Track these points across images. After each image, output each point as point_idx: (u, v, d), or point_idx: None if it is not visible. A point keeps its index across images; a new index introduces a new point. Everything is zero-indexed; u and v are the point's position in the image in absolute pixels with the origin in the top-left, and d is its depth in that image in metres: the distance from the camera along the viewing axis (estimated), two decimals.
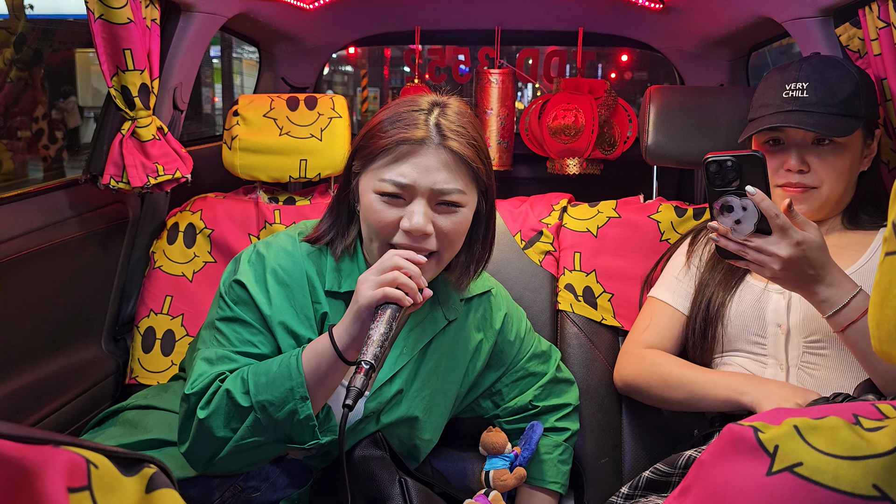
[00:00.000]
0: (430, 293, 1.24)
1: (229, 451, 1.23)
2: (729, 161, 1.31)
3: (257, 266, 1.36)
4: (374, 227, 1.29)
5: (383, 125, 1.31)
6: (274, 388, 1.21)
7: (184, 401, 1.27)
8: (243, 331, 1.32)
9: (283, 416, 1.21)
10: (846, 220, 1.60)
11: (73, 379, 1.82)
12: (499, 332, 1.59)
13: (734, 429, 0.63)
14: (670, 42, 2.76)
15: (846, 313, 1.34)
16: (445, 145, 1.28)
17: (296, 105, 2.12)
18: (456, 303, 1.51)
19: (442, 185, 1.27)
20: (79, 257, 1.83)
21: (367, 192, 1.30)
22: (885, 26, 1.52)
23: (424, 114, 1.30)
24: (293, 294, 1.35)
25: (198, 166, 2.00)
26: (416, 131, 1.28)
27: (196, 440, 1.25)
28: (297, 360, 1.23)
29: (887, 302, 0.56)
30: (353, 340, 1.21)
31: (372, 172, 1.30)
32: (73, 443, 0.51)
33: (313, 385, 1.22)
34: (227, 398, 1.22)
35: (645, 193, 2.16)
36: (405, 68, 9.78)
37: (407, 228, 1.26)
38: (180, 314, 2.01)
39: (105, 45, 1.71)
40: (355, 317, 1.21)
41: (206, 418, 1.22)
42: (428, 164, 1.27)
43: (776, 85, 1.57)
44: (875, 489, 0.55)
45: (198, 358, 1.31)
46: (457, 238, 1.33)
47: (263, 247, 1.39)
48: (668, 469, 1.46)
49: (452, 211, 1.30)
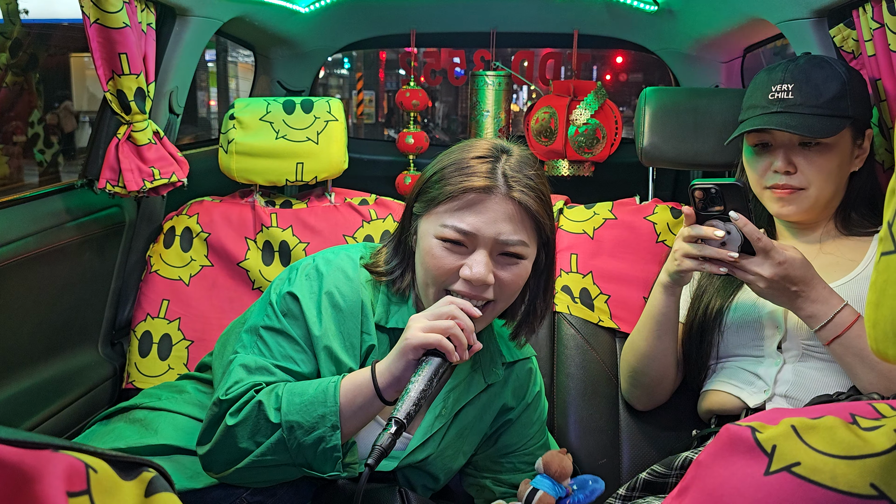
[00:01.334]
0: (478, 347, 1.22)
1: (247, 464, 1.22)
2: (712, 189, 1.39)
3: (314, 283, 1.34)
4: (433, 272, 1.27)
5: (447, 171, 1.29)
6: (306, 412, 1.19)
7: (215, 405, 1.25)
8: (287, 345, 1.30)
9: (309, 441, 1.19)
10: (839, 224, 1.60)
11: (69, 384, 1.81)
12: (526, 407, 1.54)
13: (732, 429, 0.63)
14: (664, 44, 2.76)
15: (831, 328, 1.40)
16: (512, 196, 1.25)
17: (292, 108, 2.12)
18: (498, 366, 1.46)
19: (506, 236, 1.25)
20: (75, 262, 1.83)
21: (428, 236, 1.28)
22: (879, 27, 1.52)
23: (490, 162, 1.28)
24: (345, 320, 1.33)
25: (194, 170, 2.00)
26: (484, 180, 1.25)
27: (218, 445, 1.23)
28: (336, 388, 1.21)
29: (883, 302, 0.57)
30: (394, 379, 1.19)
31: (434, 217, 1.28)
32: (72, 447, 0.51)
33: (346, 416, 1.20)
34: (258, 410, 1.20)
35: (641, 195, 2.16)
36: (401, 71, 9.76)
37: (468, 277, 1.24)
38: (177, 318, 2.01)
39: (100, 50, 1.71)
40: (401, 354, 1.19)
41: (233, 426, 1.21)
42: (493, 214, 1.25)
43: (763, 86, 1.57)
44: (873, 488, 0.55)
45: (235, 363, 1.29)
46: (515, 289, 1.31)
47: (323, 264, 1.36)
48: (664, 470, 1.47)
49: (514, 262, 1.28)
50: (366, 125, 11.76)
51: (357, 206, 2.16)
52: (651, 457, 1.75)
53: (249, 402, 1.22)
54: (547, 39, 2.98)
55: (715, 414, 1.60)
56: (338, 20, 2.68)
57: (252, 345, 1.32)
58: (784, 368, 1.51)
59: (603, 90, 2.66)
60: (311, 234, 2.09)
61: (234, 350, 1.33)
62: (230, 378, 1.26)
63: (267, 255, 2.08)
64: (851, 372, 1.41)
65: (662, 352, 1.62)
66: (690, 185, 1.41)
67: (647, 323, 1.61)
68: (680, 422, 1.75)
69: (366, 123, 11.71)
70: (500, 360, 1.47)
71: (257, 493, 1.35)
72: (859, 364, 1.39)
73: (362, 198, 2.21)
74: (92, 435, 1.48)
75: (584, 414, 1.81)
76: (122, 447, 1.40)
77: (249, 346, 1.32)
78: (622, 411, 1.83)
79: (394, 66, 12.52)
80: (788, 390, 1.48)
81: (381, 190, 2.34)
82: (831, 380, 1.47)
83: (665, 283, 1.54)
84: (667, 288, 1.54)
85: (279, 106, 2.13)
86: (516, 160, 1.30)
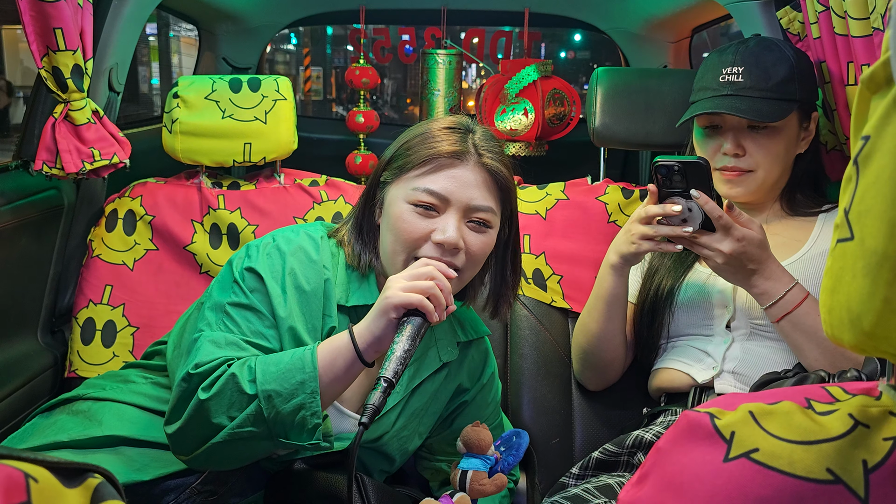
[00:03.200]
0: (453, 309, 1.23)
1: (221, 439, 1.18)
2: (675, 166, 1.40)
3: (276, 261, 1.32)
4: (403, 237, 1.28)
5: (417, 140, 1.32)
6: (284, 380, 1.17)
7: (184, 380, 1.20)
8: (255, 321, 1.28)
9: (288, 409, 1.16)
10: (785, 205, 1.64)
11: (7, 374, 1.74)
12: (481, 389, 1.55)
13: (690, 415, 0.63)
14: (615, 23, 2.78)
15: (781, 305, 1.43)
16: (483, 163, 1.30)
17: (238, 87, 2.06)
18: (453, 345, 1.47)
19: (477, 202, 1.28)
20: (11, 247, 1.75)
21: (398, 201, 1.29)
22: (824, 10, 1.55)
23: (460, 133, 1.32)
24: (308, 302, 1.31)
25: (136, 150, 1.92)
26: (456, 146, 1.29)
27: (190, 422, 1.19)
28: (313, 354, 1.19)
29: (839, 288, 0.57)
30: (375, 339, 1.19)
31: (405, 182, 1.30)
32: (9, 455, 0.48)
33: (325, 382, 1.18)
34: (232, 382, 1.17)
35: (592, 175, 2.18)
36: (349, 47, 9.60)
37: (440, 241, 1.25)
38: (121, 304, 1.95)
39: (34, 24, 1.62)
40: (381, 313, 1.18)
41: (206, 400, 1.17)
42: (465, 179, 1.28)
43: (713, 68, 1.59)
44: (829, 473, 0.56)
45: (202, 339, 1.25)
46: (481, 258, 1.33)
47: (284, 242, 1.34)
48: (616, 449, 1.49)
49: (482, 230, 1.31)
50: (314, 102, 11.58)
51: (307, 188, 2.11)
52: (603, 435, 1.77)
53: (222, 376, 1.18)
54: (498, 17, 2.96)
55: (665, 391, 1.63)
56: None
57: (218, 322, 1.28)
58: (733, 346, 1.54)
59: (547, 66, 2.65)
60: (261, 216, 2.04)
61: (199, 328, 1.29)
62: (199, 353, 1.22)
63: (214, 238, 2.03)
64: (798, 349, 1.45)
65: (612, 332, 1.64)
66: (653, 162, 1.41)
67: (597, 304, 1.62)
68: (631, 400, 1.78)
69: (314, 100, 11.53)
70: (454, 339, 1.47)
71: (208, 482, 1.32)
72: (806, 342, 1.43)
73: (312, 179, 2.16)
74: (33, 428, 1.43)
75: (537, 394, 1.82)
76: (65, 440, 1.35)
77: (215, 323, 1.28)
78: (574, 391, 1.85)
79: (341, 41, 12.31)
80: (736, 367, 1.51)
81: (331, 170, 2.30)
82: (778, 357, 1.50)
83: (615, 264, 1.55)
84: (616, 269, 1.55)
85: (225, 84, 2.06)
86: (482, 134, 1.35)
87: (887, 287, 0.52)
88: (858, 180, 0.56)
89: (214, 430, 1.18)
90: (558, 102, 2.70)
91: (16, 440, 1.39)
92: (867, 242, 0.54)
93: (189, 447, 1.22)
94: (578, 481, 1.52)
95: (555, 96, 2.70)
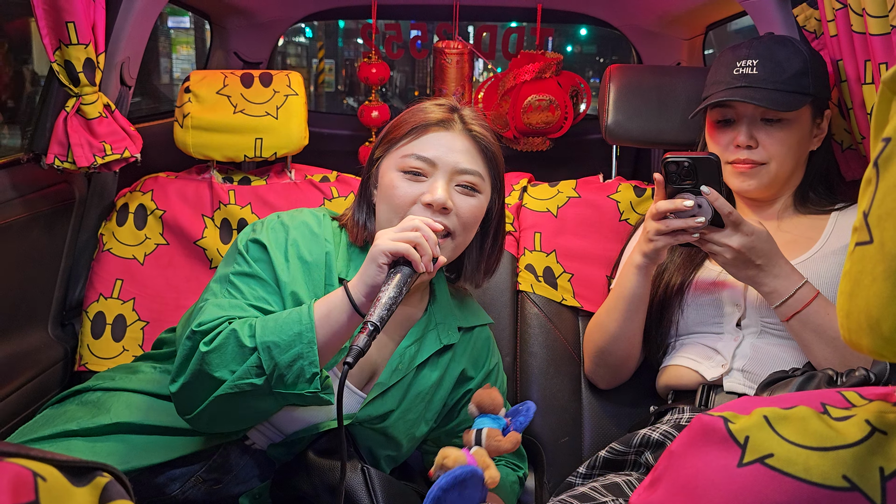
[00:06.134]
0: (443, 261, 1.27)
1: (223, 393, 1.20)
2: (686, 162, 1.40)
3: (279, 233, 1.38)
4: (394, 202, 1.33)
5: (407, 115, 1.40)
6: (281, 331, 1.20)
7: (188, 338, 1.24)
8: (259, 287, 1.32)
9: (286, 359, 1.19)
10: (797, 202, 1.64)
11: (18, 367, 1.75)
12: (486, 376, 1.58)
13: (704, 419, 0.63)
14: (628, 19, 2.75)
15: (791, 304, 1.43)
16: (469, 129, 1.38)
17: (250, 82, 2.06)
18: (453, 329, 1.50)
19: (464, 164, 1.35)
20: (22, 240, 1.76)
21: (389, 170, 1.36)
22: (842, 8, 1.53)
23: (447, 107, 1.41)
24: (310, 271, 1.36)
25: (148, 144, 1.92)
26: (442, 114, 1.38)
27: (192, 377, 1.22)
28: (309, 308, 1.23)
29: (857, 292, 0.56)
30: (367, 288, 1.22)
31: (395, 152, 1.37)
32: (18, 453, 0.47)
33: (322, 334, 1.21)
34: (233, 337, 1.20)
35: (604, 173, 2.16)
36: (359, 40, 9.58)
37: (428, 201, 1.31)
38: (131, 298, 1.95)
39: (46, 18, 1.63)
40: (370, 261, 1.22)
41: (208, 353, 1.20)
42: (451, 144, 1.35)
43: (728, 62, 1.60)
44: (845, 480, 0.55)
45: (208, 304, 1.28)
46: (472, 222, 1.38)
47: (287, 218, 1.41)
48: (623, 448, 1.49)
49: (470, 194, 1.36)
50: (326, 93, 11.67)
51: (318, 184, 2.11)
52: (612, 434, 1.76)
53: (223, 331, 1.22)
54: (510, 13, 2.95)
55: (673, 388, 1.62)
56: None
57: (223, 291, 1.32)
58: (743, 344, 1.54)
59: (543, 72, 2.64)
60: (271, 211, 2.03)
61: (204, 298, 1.33)
62: (202, 314, 1.26)
63: (225, 233, 2.03)
64: (808, 348, 1.45)
65: (631, 332, 1.63)
66: (663, 159, 1.42)
67: (618, 304, 1.61)
68: (640, 399, 1.77)
69: (326, 91, 11.62)
70: (455, 323, 1.51)
71: (213, 469, 1.33)
72: (816, 340, 1.42)
73: (323, 175, 2.16)
74: (43, 419, 1.43)
75: (546, 392, 1.81)
76: (75, 428, 1.36)
77: (220, 292, 1.32)
78: (584, 389, 1.84)
79: (352, 34, 12.32)
80: (746, 365, 1.51)
81: (342, 165, 2.30)
82: (788, 356, 1.50)
83: (639, 264, 1.54)
84: (641, 268, 1.54)
85: (237, 79, 2.06)
86: (470, 111, 1.43)
87: None
88: (878, 183, 0.55)
89: (216, 383, 1.21)
90: (574, 98, 2.70)
91: (26, 431, 1.40)
92: (888, 246, 0.53)
93: (192, 404, 1.24)
94: (586, 480, 1.51)
95: (572, 94, 2.70)
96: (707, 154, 1.41)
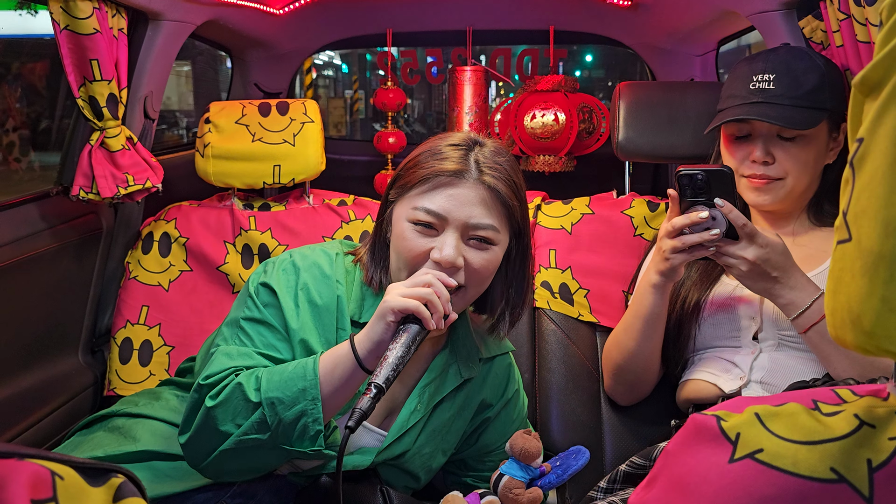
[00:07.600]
0: (454, 318, 1.23)
1: (229, 447, 1.20)
2: (699, 175, 1.40)
3: (291, 276, 1.35)
4: (404, 255, 1.28)
5: (422, 157, 1.32)
6: (286, 387, 1.19)
7: (195, 391, 1.24)
8: (268, 334, 1.31)
9: (291, 416, 1.18)
10: (812, 215, 1.62)
11: (50, 392, 1.80)
12: (506, 404, 1.54)
13: (698, 418, 0.64)
14: (639, 38, 2.78)
15: (808, 315, 1.41)
16: (483, 180, 1.28)
17: (267, 111, 2.12)
18: (475, 361, 1.46)
19: (477, 219, 1.27)
20: (53, 270, 1.82)
21: (401, 220, 1.30)
22: (846, 18, 1.54)
23: (464, 150, 1.31)
24: (321, 316, 1.33)
25: (171, 175, 1.99)
26: (455, 164, 1.28)
27: (199, 430, 1.22)
28: (314, 362, 1.21)
29: (839, 289, 0.58)
30: (374, 345, 1.19)
31: (407, 201, 1.30)
32: (37, 455, 0.50)
33: (327, 390, 1.19)
34: (238, 391, 1.20)
35: (618, 189, 2.18)
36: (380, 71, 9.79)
37: (437, 259, 1.25)
38: (157, 324, 2.00)
39: (71, 56, 1.70)
40: (379, 318, 1.19)
41: (213, 407, 1.19)
42: (464, 198, 1.27)
43: (743, 76, 1.58)
44: (833, 472, 0.56)
45: (217, 353, 1.29)
46: (486, 276, 1.32)
47: (300, 258, 1.37)
48: (643, 462, 1.48)
49: (484, 248, 1.29)
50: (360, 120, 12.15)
51: (335, 207, 2.16)
52: (633, 448, 1.76)
53: (229, 385, 1.21)
54: (523, 36, 2.99)
55: (692, 402, 1.61)
56: (313, 21, 2.67)
57: (233, 336, 1.32)
58: (760, 357, 1.53)
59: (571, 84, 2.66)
60: (291, 236, 2.09)
61: (216, 344, 1.33)
62: (211, 366, 1.26)
63: (246, 258, 2.08)
64: (826, 360, 1.43)
65: (650, 350, 1.63)
66: (676, 172, 1.41)
67: (636, 323, 1.60)
68: (661, 413, 1.77)
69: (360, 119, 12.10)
70: (476, 355, 1.47)
71: (237, 495, 1.34)
72: (834, 352, 1.40)
73: (340, 199, 2.21)
74: (71, 445, 1.47)
75: (566, 408, 1.82)
76: (101, 455, 1.38)
77: (230, 338, 1.32)
78: (604, 405, 1.85)
79: (377, 66, 12.71)
80: (764, 377, 1.50)
81: (359, 190, 2.34)
82: (807, 367, 1.49)
83: (656, 283, 1.53)
84: (657, 287, 1.54)
85: (255, 108, 2.12)
86: (489, 150, 1.33)
87: (884, 286, 0.53)
88: (854, 182, 0.57)
89: (222, 437, 1.20)
90: (587, 117, 2.72)
91: None
92: (863, 243, 0.54)
93: (200, 456, 1.25)
94: (606, 495, 1.51)
95: (583, 110, 2.71)
96: (720, 166, 1.40)
